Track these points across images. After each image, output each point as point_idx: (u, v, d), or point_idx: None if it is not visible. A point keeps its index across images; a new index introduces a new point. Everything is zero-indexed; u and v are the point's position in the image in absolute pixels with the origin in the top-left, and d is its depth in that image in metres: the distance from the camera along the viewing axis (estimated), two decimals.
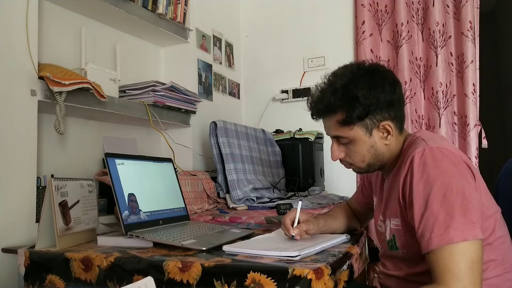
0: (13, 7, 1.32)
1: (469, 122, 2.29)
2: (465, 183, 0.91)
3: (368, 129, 1.05)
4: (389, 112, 1.04)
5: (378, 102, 1.02)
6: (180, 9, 2.11)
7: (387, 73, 1.08)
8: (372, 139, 1.06)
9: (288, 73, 2.77)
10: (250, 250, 1.00)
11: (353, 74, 1.05)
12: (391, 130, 1.05)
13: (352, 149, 1.08)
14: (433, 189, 0.90)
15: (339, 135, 1.08)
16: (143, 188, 1.28)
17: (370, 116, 1.03)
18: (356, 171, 1.15)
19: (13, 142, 1.30)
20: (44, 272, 1.09)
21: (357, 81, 1.03)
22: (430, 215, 0.89)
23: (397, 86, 1.07)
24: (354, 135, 1.05)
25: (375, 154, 1.07)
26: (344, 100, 1.03)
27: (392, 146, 1.08)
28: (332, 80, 1.07)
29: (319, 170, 2.41)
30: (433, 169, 0.92)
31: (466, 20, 2.31)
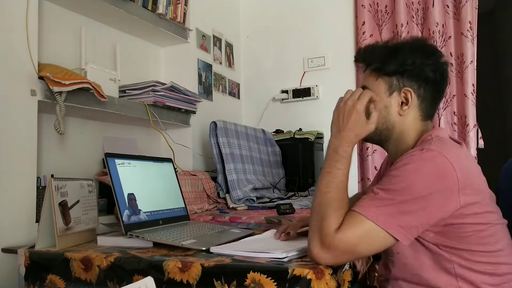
0: (13, 7, 1.32)
1: (469, 123, 2.29)
2: (429, 192, 0.88)
3: (391, 88, 1.04)
4: (419, 85, 1.03)
5: (413, 66, 1.02)
6: (180, 9, 2.11)
7: (440, 56, 1.06)
8: (389, 100, 1.04)
9: (288, 73, 2.77)
10: (237, 251, 0.99)
11: (412, 39, 1.08)
12: (410, 100, 1.02)
13: None
14: (398, 180, 0.90)
15: (365, 84, 1.07)
16: (143, 188, 1.28)
17: (398, 76, 1.03)
18: None
19: (13, 142, 1.30)
20: (45, 272, 1.09)
21: (409, 43, 1.05)
22: (374, 189, 0.92)
23: (439, 70, 1.04)
24: (376, 88, 1.04)
25: (385, 117, 1.04)
26: (386, 51, 1.05)
27: (406, 123, 1.04)
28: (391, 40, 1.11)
29: (319, 170, 2.40)
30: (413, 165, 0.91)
31: (466, 20, 2.31)
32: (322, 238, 0.87)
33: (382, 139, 1.08)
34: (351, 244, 0.87)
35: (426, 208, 0.88)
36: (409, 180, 0.89)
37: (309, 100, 2.69)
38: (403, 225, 0.87)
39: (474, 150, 2.29)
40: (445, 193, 0.89)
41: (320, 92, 2.66)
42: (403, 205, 0.88)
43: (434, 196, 0.88)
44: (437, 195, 0.88)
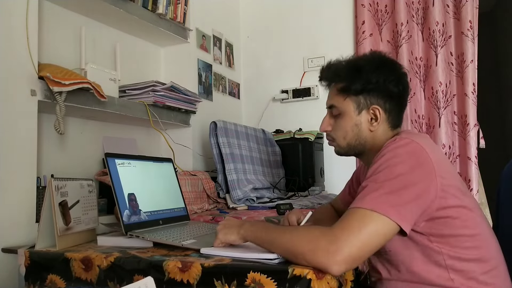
0: (13, 7, 1.32)
1: (469, 122, 2.29)
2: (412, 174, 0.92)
3: (359, 107, 1.09)
4: (384, 101, 1.08)
5: (378, 84, 1.07)
6: (180, 9, 2.11)
7: (399, 69, 1.12)
8: (358, 118, 1.09)
9: (288, 73, 2.77)
10: (228, 252, 0.98)
11: (371, 56, 1.13)
12: (379, 117, 1.08)
13: (338, 123, 1.12)
14: (380, 168, 0.94)
15: (333, 104, 1.12)
16: (143, 188, 1.28)
17: (365, 95, 1.08)
18: (336, 151, 1.17)
19: (13, 142, 1.30)
20: (45, 272, 1.09)
21: (369, 60, 1.10)
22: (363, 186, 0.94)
23: (402, 84, 1.10)
24: (345, 107, 1.10)
25: (357, 134, 1.10)
26: (351, 70, 1.09)
27: (378, 137, 1.10)
28: (352, 57, 1.16)
29: (319, 170, 2.41)
30: (390, 154, 0.95)
31: (466, 20, 2.31)
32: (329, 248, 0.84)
33: (356, 153, 1.15)
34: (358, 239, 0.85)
35: (412, 186, 0.91)
36: (391, 165, 0.93)
37: (309, 100, 2.69)
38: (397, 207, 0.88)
39: (475, 149, 2.28)
40: (424, 173, 0.93)
41: (320, 92, 2.66)
42: (391, 187, 0.90)
43: (416, 175, 0.92)
44: (418, 174, 0.92)
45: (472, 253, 0.97)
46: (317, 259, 0.84)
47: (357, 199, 0.92)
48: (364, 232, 0.86)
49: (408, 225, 0.91)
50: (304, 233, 0.89)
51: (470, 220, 0.99)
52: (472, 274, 0.96)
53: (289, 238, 0.89)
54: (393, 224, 0.88)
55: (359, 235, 0.85)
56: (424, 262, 0.98)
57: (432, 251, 0.97)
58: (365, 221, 0.87)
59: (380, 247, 0.90)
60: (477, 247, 0.98)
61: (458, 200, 0.97)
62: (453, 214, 0.96)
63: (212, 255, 0.98)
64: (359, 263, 0.88)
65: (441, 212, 0.95)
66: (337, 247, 0.84)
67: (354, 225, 0.86)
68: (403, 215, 0.89)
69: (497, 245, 1.04)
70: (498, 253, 1.03)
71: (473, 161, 2.27)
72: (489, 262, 0.99)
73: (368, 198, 0.90)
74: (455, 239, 0.97)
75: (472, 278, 0.96)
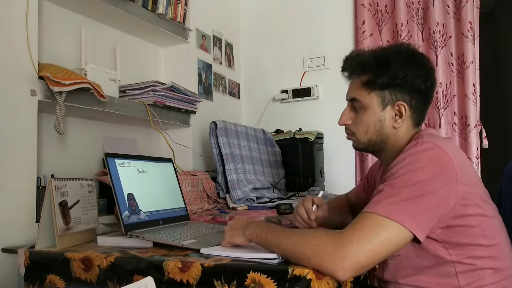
0: (13, 7, 1.32)
1: (470, 123, 2.29)
2: (432, 181, 0.88)
3: (384, 102, 1.04)
4: (411, 97, 1.04)
5: (406, 79, 1.02)
6: (180, 9, 2.11)
7: (428, 64, 1.07)
8: (383, 114, 1.05)
9: (288, 73, 2.77)
10: (228, 252, 0.98)
11: (398, 48, 1.07)
12: (404, 114, 1.04)
13: (360, 117, 1.07)
14: (400, 173, 0.90)
15: (356, 98, 1.07)
16: (143, 188, 1.28)
17: (391, 90, 1.03)
18: (355, 146, 1.13)
19: (13, 142, 1.30)
20: (44, 272, 1.09)
21: (397, 53, 1.04)
22: (380, 189, 0.91)
23: (430, 79, 1.05)
24: (369, 101, 1.05)
25: (379, 130, 1.06)
26: (377, 62, 1.03)
27: (399, 134, 1.06)
28: (377, 48, 1.09)
29: (319, 170, 2.41)
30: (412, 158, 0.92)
31: (466, 21, 2.31)
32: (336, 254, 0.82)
33: (376, 150, 1.10)
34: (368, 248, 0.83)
35: (431, 194, 0.87)
36: (411, 171, 0.90)
37: (309, 100, 2.69)
38: (413, 215, 0.86)
39: (475, 150, 2.28)
40: (446, 180, 0.89)
41: (320, 92, 2.66)
42: (409, 194, 0.87)
43: (437, 182, 0.88)
44: (438, 181, 0.88)
45: (487, 262, 0.94)
46: (323, 264, 0.82)
47: (371, 202, 0.89)
48: (376, 240, 0.83)
49: (423, 234, 0.88)
50: (311, 237, 0.86)
51: (490, 229, 0.95)
52: (482, 282, 0.93)
53: (295, 242, 0.87)
54: (407, 232, 0.85)
55: (369, 243, 0.83)
56: (433, 272, 0.96)
57: (444, 261, 0.94)
58: (378, 229, 0.84)
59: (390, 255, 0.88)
60: (492, 257, 0.95)
61: (479, 209, 0.93)
62: (473, 222, 0.93)
63: (212, 255, 0.98)
64: (366, 270, 0.86)
65: (460, 220, 0.92)
66: (344, 254, 0.82)
67: (365, 232, 0.84)
68: (419, 223, 0.86)
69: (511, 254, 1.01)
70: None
71: (473, 162, 2.26)
72: (502, 273, 0.95)
73: (384, 204, 0.87)
74: (472, 248, 0.93)
75: (481, 287, 0.93)
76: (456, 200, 0.90)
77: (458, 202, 0.90)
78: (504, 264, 0.97)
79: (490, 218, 0.96)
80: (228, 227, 1.04)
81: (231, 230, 1.02)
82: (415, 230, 0.86)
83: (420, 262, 0.97)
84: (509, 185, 1.20)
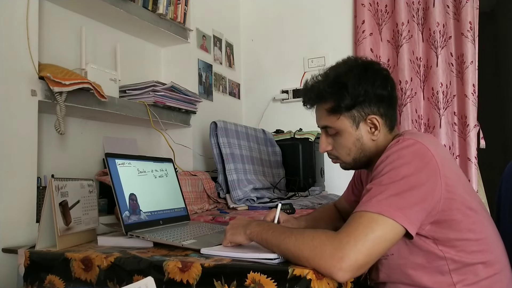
0: (13, 7, 1.32)
1: (469, 123, 2.29)
2: (417, 176, 0.90)
3: (355, 121, 1.05)
4: (378, 107, 1.05)
5: (366, 94, 1.03)
6: (181, 9, 2.11)
7: (381, 70, 1.09)
8: (358, 132, 1.06)
9: (288, 73, 2.77)
10: (228, 252, 0.98)
11: (347, 66, 1.07)
12: (378, 125, 1.05)
13: (338, 141, 1.09)
14: (385, 170, 0.92)
15: (327, 125, 1.08)
16: (143, 188, 1.28)
17: (357, 108, 1.04)
18: (343, 167, 1.15)
19: (13, 142, 1.30)
20: (44, 272, 1.09)
21: (349, 72, 1.05)
22: (368, 189, 0.92)
23: (389, 84, 1.07)
24: (341, 125, 1.06)
25: (361, 148, 1.07)
26: (334, 88, 1.04)
27: (380, 143, 1.07)
28: (327, 71, 1.09)
29: (319, 170, 2.41)
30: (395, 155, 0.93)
31: (466, 21, 2.31)
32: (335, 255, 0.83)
33: (364, 165, 1.12)
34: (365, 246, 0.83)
35: (418, 188, 0.89)
36: (396, 167, 0.91)
37: None
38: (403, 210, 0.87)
39: (475, 150, 2.28)
40: (429, 174, 0.91)
41: None
42: (397, 190, 0.88)
43: (422, 177, 0.90)
44: (423, 175, 0.90)
45: (477, 257, 0.95)
46: (323, 265, 0.83)
47: (362, 202, 0.90)
48: (371, 237, 0.84)
49: (415, 228, 0.89)
50: (310, 238, 0.86)
51: (477, 223, 0.97)
52: (475, 278, 0.95)
53: (295, 243, 0.87)
54: (399, 227, 0.87)
55: (365, 241, 0.83)
56: (426, 268, 0.97)
57: (436, 257, 0.96)
58: (372, 226, 0.85)
59: (386, 252, 0.89)
60: (482, 251, 0.96)
61: (464, 202, 0.95)
62: (458, 216, 0.94)
63: (212, 255, 0.98)
64: (365, 270, 0.86)
65: (446, 214, 0.93)
66: (342, 254, 0.82)
67: (360, 231, 0.84)
68: (409, 218, 0.87)
69: (503, 248, 1.02)
70: (504, 256, 1.01)
71: (473, 162, 2.27)
72: (494, 266, 0.97)
73: (374, 201, 0.88)
74: (461, 242, 0.95)
75: (475, 283, 0.95)
76: (441, 193, 0.92)
77: (443, 195, 0.92)
78: (495, 258, 0.98)
79: (476, 213, 0.98)
80: (230, 226, 1.04)
81: (232, 229, 1.03)
82: (406, 224, 0.87)
83: (414, 260, 0.98)
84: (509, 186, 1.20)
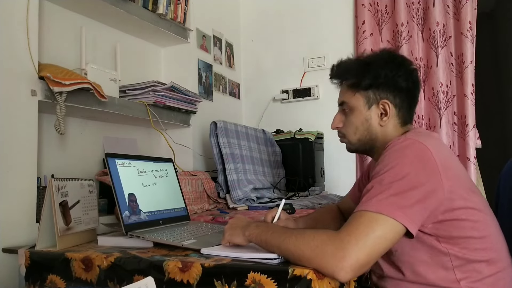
0: (13, 7, 1.32)
1: (468, 123, 2.29)
2: (418, 175, 0.90)
3: (369, 102, 1.10)
4: (394, 95, 1.09)
5: (387, 79, 1.07)
6: (181, 9, 2.11)
7: (409, 64, 1.12)
8: (369, 113, 1.10)
9: (288, 73, 2.77)
10: (228, 252, 0.97)
11: (381, 53, 1.14)
12: (389, 112, 1.08)
13: (349, 119, 1.13)
14: (385, 169, 0.93)
15: (344, 101, 1.14)
16: (143, 188, 1.28)
17: (374, 89, 1.09)
18: (348, 147, 1.18)
19: (13, 142, 1.30)
20: (45, 272, 1.09)
21: (379, 57, 1.12)
22: (369, 188, 0.93)
23: (412, 78, 1.10)
24: (355, 102, 1.11)
25: (367, 129, 1.11)
26: (359, 66, 1.11)
27: (388, 133, 1.10)
28: (362, 54, 1.17)
29: (319, 170, 2.41)
30: (396, 154, 0.94)
31: (465, 21, 2.31)
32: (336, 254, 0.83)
33: (367, 149, 1.15)
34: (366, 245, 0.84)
35: (418, 187, 0.90)
36: (395, 166, 0.92)
37: (309, 100, 2.69)
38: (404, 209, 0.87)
39: (474, 150, 2.28)
40: (429, 174, 0.92)
41: (320, 92, 2.66)
42: (398, 189, 0.89)
43: (422, 177, 0.91)
44: (423, 176, 0.91)
45: (481, 254, 0.96)
46: (324, 265, 0.83)
47: (362, 201, 0.91)
48: (372, 237, 0.84)
49: (415, 227, 0.89)
50: (311, 238, 0.86)
51: (480, 221, 0.97)
52: (479, 276, 0.95)
53: (295, 243, 0.87)
54: (400, 226, 0.87)
55: (366, 240, 0.84)
56: (430, 264, 0.97)
57: (440, 253, 0.96)
58: (373, 225, 0.85)
59: (387, 251, 0.89)
60: (485, 249, 0.97)
61: (466, 201, 0.95)
62: (462, 216, 0.94)
63: (212, 255, 0.98)
64: (366, 269, 0.86)
65: (449, 214, 0.93)
66: (343, 254, 0.82)
67: (361, 230, 0.85)
68: (410, 217, 0.88)
69: (505, 246, 1.03)
70: (507, 254, 1.02)
71: (471, 161, 2.27)
72: (497, 264, 0.97)
73: (375, 201, 0.88)
74: (464, 240, 0.95)
75: (479, 280, 0.95)
76: (443, 194, 0.92)
77: (445, 196, 0.92)
78: (498, 256, 0.99)
79: (479, 211, 0.98)
80: (228, 226, 1.04)
81: (231, 229, 1.03)
82: (407, 223, 0.87)
83: (417, 256, 0.98)
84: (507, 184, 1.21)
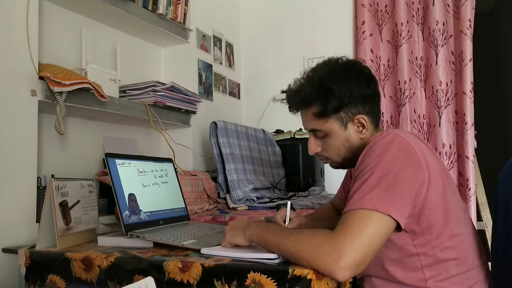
0: (13, 7, 1.32)
1: (467, 121, 2.29)
2: (404, 169, 0.91)
3: (343, 122, 1.07)
4: (364, 106, 1.07)
5: (352, 95, 1.05)
6: (181, 9, 2.12)
7: (363, 69, 1.11)
8: (347, 133, 1.08)
9: (288, 73, 2.73)
10: (228, 252, 0.97)
11: (329, 68, 1.09)
12: (365, 124, 1.07)
13: (327, 143, 1.10)
14: (371, 165, 0.92)
15: (315, 128, 1.10)
16: (143, 188, 1.28)
17: (344, 109, 1.06)
18: (333, 166, 1.17)
19: (13, 142, 1.30)
20: (45, 272, 1.09)
21: (332, 74, 1.07)
22: (357, 186, 0.92)
23: (372, 82, 1.09)
24: (330, 128, 1.08)
25: (350, 147, 1.09)
26: (320, 92, 1.05)
27: (366, 139, 1.08)
28: (309, 74, 1.10)
29: (319, 170, 2.41)
30: (380, 150, 0.94)
31: (465, 19, 2.31)
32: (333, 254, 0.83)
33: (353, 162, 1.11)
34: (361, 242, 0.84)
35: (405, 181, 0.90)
36: (382, 161, 0.92)
37: None
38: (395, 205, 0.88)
39: (472, 148, 2.29)
40: (413, 167, 0.93)
41: None
42: (387, 184, 0.89)
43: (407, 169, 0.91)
44: (408, 168, 0.92)
45: (450, 253, 0.97)
46: (322, 265, 0.83)
47: (353, 200, 0.90)
48: (366, 234, 0.84)
49: (404, 221, 0.90)
50: (308, 238, 0.87)
51: (454, 219, 0.98)
52: (446, 275, 0.96)
53: (293, 244, 0.87)
54: (392, 221, 0.88)
55: (361, 238, 0.84)
56: (399, 264, 0.98)
57: (409, 253, 0.97)
58: (366, 222, 0.85)
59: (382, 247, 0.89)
60: (455, 248, 0.97)
61: (443, 197, 0.96)
62: (437, 212, 0.95)
63: (212, 255, 0.98)
64: (364, 267, 0.86)
65: (426, 208, 0.94)
66: (340, 253, 0.82)
67: (355, 228, 0.85)
68: (400, 211, 0.88)
69: (477, 245, 1.03)
70: (478, 254, 1.02)
71: (470, 160, 2.27)
72: (466, 263, 0.98)
73: (367, 198, 0.88)
74: (436, 237, 0.96)
75: (446, 279, 0.96)
76: (424, 186, 0.93)
77: (425, 188, 0.93)
78: (468, 255, 0.99)
79: (455, 209, 0.99)
80: (229, 227, 1.04)
81: (232, 230, 1.03)
82: (399, 218, 0.88)
83: (389, 255, 0.99)
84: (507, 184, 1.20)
